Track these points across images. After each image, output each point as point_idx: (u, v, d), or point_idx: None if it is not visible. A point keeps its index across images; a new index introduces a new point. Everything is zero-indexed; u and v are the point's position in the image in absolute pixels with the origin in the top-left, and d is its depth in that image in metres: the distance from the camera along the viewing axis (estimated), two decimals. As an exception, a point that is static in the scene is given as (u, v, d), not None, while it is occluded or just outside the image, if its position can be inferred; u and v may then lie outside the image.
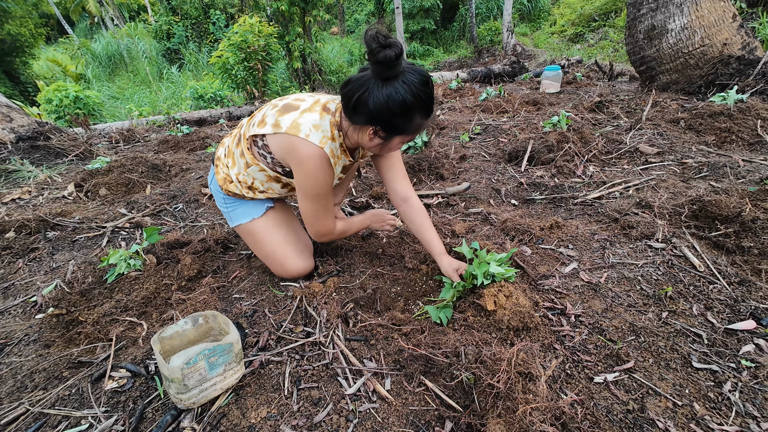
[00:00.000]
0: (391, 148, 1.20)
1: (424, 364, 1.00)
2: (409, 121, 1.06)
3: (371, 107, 1.03)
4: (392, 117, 1.04)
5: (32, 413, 0.97)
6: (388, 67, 0.97)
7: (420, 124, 1.09)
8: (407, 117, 1.05)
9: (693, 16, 3.13)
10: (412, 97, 1.01)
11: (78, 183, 2.64)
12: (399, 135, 1.11)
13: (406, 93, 1.00)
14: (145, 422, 0.92)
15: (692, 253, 1.35)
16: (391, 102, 1.01)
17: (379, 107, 1.02)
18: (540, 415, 0.76)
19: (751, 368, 0.93)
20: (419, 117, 1.07)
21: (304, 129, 1.12)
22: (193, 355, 0.87)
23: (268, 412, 0.92)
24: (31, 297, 1.50)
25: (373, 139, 1.13)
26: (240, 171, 1.33)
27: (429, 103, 1.06)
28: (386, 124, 1.07)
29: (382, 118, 1.05)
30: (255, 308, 1.33)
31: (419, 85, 1.01)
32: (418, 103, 1.02)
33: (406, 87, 1.00)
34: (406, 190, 1.37)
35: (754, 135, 2.25)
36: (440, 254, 1.31)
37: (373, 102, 1.02)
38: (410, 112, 1.04)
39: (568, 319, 1.14)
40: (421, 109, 1.05)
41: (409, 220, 1.36)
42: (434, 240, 1.33)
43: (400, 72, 1.00)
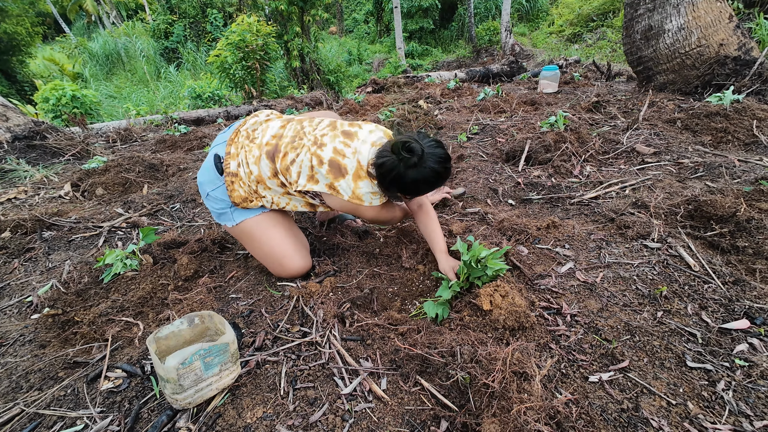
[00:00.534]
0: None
1: (420, 363, 1.00)
2: (431, 188, 1.29)
3: (403, 184, 1.23)
4: (418, 189, 1.27)
5: (27, 414, 0.97)
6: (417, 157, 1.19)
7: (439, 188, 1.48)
8: (430, 187, 1.28)
9: (690, 17, 3.14)
10: (435, 175, 1.22)
11: (74, 183, 2.63)
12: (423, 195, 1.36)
13: (430, 173, 1.21)
14: (140, 422, 0.92)
15: (687, 252, 1.35)
16: (419, 181, 1.23)
17: (410, 185, 1.23)
18: (534, 414, 0.76)
19: (745, 367, 0.94)
20: (439, 184, 1.28)
21: (367, 198, 1.29)
22: (189, 355, 0.87)
23: (264, 411, 0.92)
24: (26, 297, 1.50)
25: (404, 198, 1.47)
26: (276, 195, 1.39)
27: (447, 176, 1.28)
28: (415, 193, 1.30)
29: (411, 191, 1.28)
30: (252, 308, 1.32)
31: (439, 164, 1.21)
32: (439, 179, 1.25)
33: (430, 171, 1.21)
34: (422, 200, 1.49)
35: (749, 135, 2.26)
36: (440, 252, 1.37)
37: (404, 182, 1.22)
38: (433, 185, 1.28)
39: (564, 319, 1.14)
40: (440, 181, 1.27)
41: (423, 224, 1.47)
42: (438, 240, 1.41)
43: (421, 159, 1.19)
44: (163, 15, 13.47)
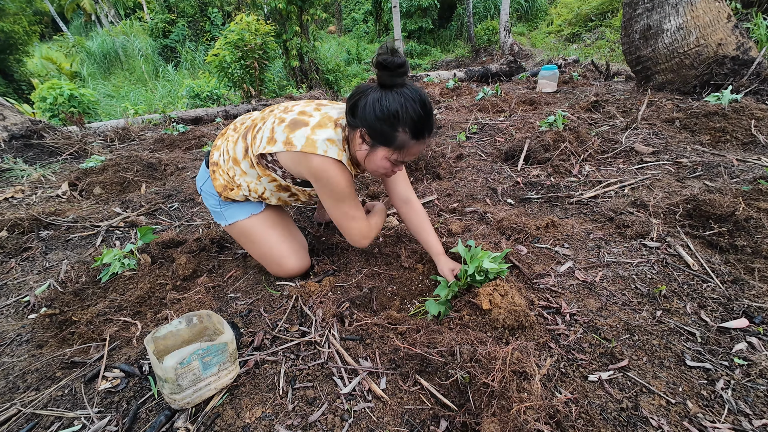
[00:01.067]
0: (375, 162, 1.15)
1: (419, 363, 1.00)
2: (393, 131, 1.06)
3: (362, 108, 1.07)
4: (377, 120, 1.05)
5: (24, 414, 0.96)
6: (388, 72, 1.02)
7: (405, 141, 1.07)
8: (391, 126, 1.05)
9: (688, 17, 3.14)
10: (400, 108, 1.03)
11: (72, 182, 2.62)
12: (382, 146, 1.10)
13: (394, 101, 1.03)
14: (138, 422, 0.92)
15: (686, 252, 1.35)
16: (378, 105, 1.04)
17: (368, 108, 1.06)
18: (534, 413, 0.76)
19: (744, 366, 0.94)
20: (404, 132, 1.06)
21: (321, 146, 1.12)
22: (187, 355, 0.87)
23: (263, 411, 0.91)
24: (23, 297, 1.49)
25: (361, 144, 1.13)
26: (253, 180, 1.33)
27: (419, 123, 1.05)
28: (371, 127, 1.07)
29: (368, 119, 1.06)
30: (250, 308, 1.32)
31: (411, 101, 1.04)
32: (405, 117, 1.03)
33: (398, 97, 1.03)
34: (407, 192, 1.39)
35: (748, 135, 2.27)
36: (438, 254, 1.34)
37: (365, 103, 1.07)
38: (394, 123, 1.04)
39: (563, 318, 1.14)
40: (407, 124, 1.05)
41: (409, 222, 1.39)
42: (433, 241, 1.35)
43: (399, 84, 1.04)
44: (162, 14, 13.42)
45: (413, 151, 1.12)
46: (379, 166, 1.16)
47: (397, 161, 1.14)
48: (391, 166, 1.16)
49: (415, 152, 1.13)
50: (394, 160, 1.13)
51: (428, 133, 1.10)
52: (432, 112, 1.09)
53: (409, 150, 1.10)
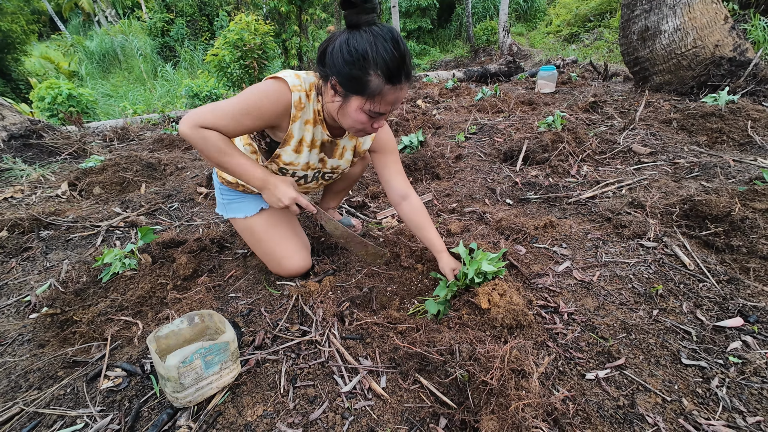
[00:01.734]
0: (350, 115, 1.04)
1: (419, 361, 1.01)
2: (365, 75, 0.95)
3: (330, 53, 0.98)
4: (346, 64, 0.95)
5: (27, 413, 0.97)
6: (354, 10, 0.92)
7: (379, 86, 0.96)
8: (362, 69, 0.94)
9: (686, 18, 3.16)
10: (369, 48, 0.92)
11: (71, 182, 2.62)
12: (355, 95, 0.99)
13: (363, 40, 0.93)
14: (141, 421, 0.93)
15: (683, 251, 1.37)
16: (346, 46, 0.94)
17: (336, 53, 0.96)
18: (532, 411, 0.77)
19: (738, 364, 0.95)
20: (376, 75, 0.95)
21: (285, 73, 1.09)
22: (189, 354, 0.87)
23: (264, 410, 0.92)
24: (24, 296, 1.49)
25: (334, 96, 1.04)
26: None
27: (392, 63, 0.93)
28: (341, 74, 0.97)
29: (337, 65, 0.96)
30: (251, 307, 1.33)
31: (382, 38, 0.93)
32: (377, 57, 0.92)
33: (367, 35, 0.93)
34: (405, 188, 1.35)
35: (744, 135, 2.29)
36: (440, 252, 1.30)
37: (333, 47, 0.97)
38: (365, 64, 0.93)
39: (561, 317, 1.16)
40: (380, 65, 0.93)
41: (409, 219, 1.35)
42: (434, 238, 1.32)
43: (368, 22, 0.94)
44: (160, 13, 13.40)
45: (389, 98, 1.00)
46: (355, 120, 1.05)
47: (373, 112, 1.02)
48: (368, 119, 1.04)
49: (391, 100, 1.01)
50: (368, 110, 1.01)
51: (405, 77, 0.98)
52: (407, 52, 0.97)
53: (384, 97, 0.99)
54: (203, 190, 2.48)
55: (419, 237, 1.35)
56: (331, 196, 1.79)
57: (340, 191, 1.77)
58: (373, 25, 0.95)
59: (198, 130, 1.05)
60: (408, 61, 0.97)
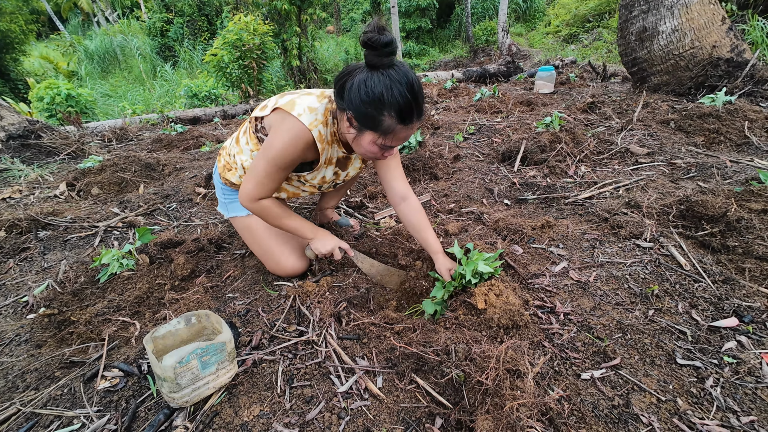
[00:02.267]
0: (363, 146, 1.12)
1: (415, 361, 1.02)
2: (379, 115, 1.01)
3: (348, 90, 1.03)
4: (362, 104, 1.01)
5: (24, 413, 0.97)
6: (374, 51, 0.96)
7: (392, 126, 1.03)
8: (377, 110, 1.00)
9: (683, 19, 3.17)
10: (385, 91, 0.98)
11: (70, 182, 2.62)
12: (369, 131, 1.06)
13: (380, 84, 0.98)
14: (137, 421, 0.93)
15: (679, 252, 1.37)
16: (363, 87, 0.99)
17: (354, 92, 1.02)
18: (527, 410, 0.78)
19: (733, 364, 0.96)
20: (390, 116, 1.01)
21: (298, 108, 1.13)
22: (186, 354, 0.88)
23: (261, 410, 0.92)
24: (22, 297, 1.49)
25: (349, 128, 1.11)
26: (247, 158, 1.36)
27: (405, 107, 1.00)
28: (357, 111, 1.03)
29: (354, 103, 1.02)
30: (248, 307, 1.33)
31: (398, 83, 0.98)
32: (392, 101, 0.99)
33: (384, 78, 0.98)
34: (405, 189, 1.38)
35: (741, 136, 2.30)
36: (436, 253, 1.32)
37: (351, 84, 1.03)
38: (380, 106, 1.00)
39: (557, 317, 1.16)
40: (394, 108, 1.00)
41: (407, 220, 1.37)
42: (431, 239, 1.33)
43: (386, 65, 0.99)
44: (159, 13, 13.40)
45: (401, 135, 1.08)
46: (368, 150, 1.13)
47: (385, 145, 1.10)
48: (379, 150, 1.13)
49: (403, 137, 1.09)
50: (381, 144, 1.09)
51: (417, 117, 1.06)
52: (420, 94, 1.03)
53: (396, 135, 1.07)
54: (201, 190, 2.48)
55: (417, 238, 1.38)
56: (329, 196, 1.79)
57: (338, 191, 1.77)
58: (391, 67, 1.00)
59: (255, 204, 1.25)
60: (420, 101, 1.04)
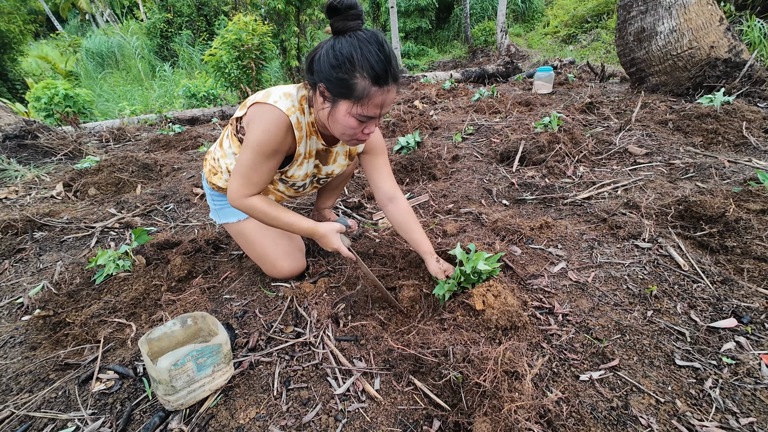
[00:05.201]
0: (339, 120, 1.05)
1: (413, 363, 1.01)
2: (351, 78, 0.96)
3: (317, 60, 1.00)
4: (332, 69, 0.97)
5: (17, 416, 0.96)
6: (339, 16, 0.95)
7: (365, 89, 0.97)
8: (348, 72, 0.96)
9: (681, 19, 3.17)
10: (354, 51, 0.94)
11: (66, 182, 2.61)
12: (343, 99, 1.01)
13: (348, 45, 0.95)
14: (132, 424, 0.92)
15: (677, 252, 1.37)
16: (332, 51, 0.96)
17: (322, 59, 0.98)
18: (525, 413, 0.77)
19: (732, 365, 0.95)
20: (362, 78, 0.96)
21: (274, 96, 1.10)
22: (181, 357, 0.87)
23: (257, 412, 0.92)
24: (17, 298, 1.48)
25: (323, 103, 1.06)
26: (231, 161, 1.34)
27: (377, 65, 0.95)
28: (328, 79, 0.99)
29: (324, 70, 0.98)
30: (245, 309, 1.32)
31: (367, 42, 0.95)
32: (362, 60, 0.94)
33: (352, 40, 0.95)
34: (393, 189, 1.36)
35: (739, 136, 2.30)
36: (427, 253, 1.30)
37: (320, 54, 0.99)
38: (351, 67, 0.95)
39: (556, 318, 1.15)
40: (365, 67, 0.95)
41: (396, 221, 1.35)
42: (422, 240, 1.32)
43: (353, 28, 0.97)
44: (158, 13, 13.38)
45: (376, 100, 1.00)
46: (345, 124, 1.05)
47: (361, 115, 1.03)
48: (357, 123, 1.05)
49: (379, 102, 1.01)
50: (357, 114, 1.02)
51: (392, 79, 0.99)
52: (392, 54, 0.98)
53: (371, 99, 0.99)
54: (199, 191, 2.47)
55: (406, 239, 1.36)
56: (326, 195, 1.78)
57: (334, 189, 1.77)
58: (359, 30, 0.97)
59: (243, 202, 1.18)
60: (394, 63, 0.98)
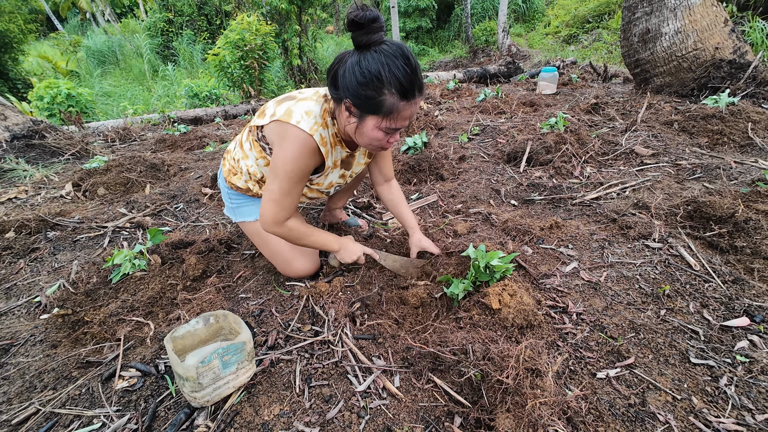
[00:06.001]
0: (367, 134, 1.06)
1: (431, 361, 1.03)
2: (379, 95, 0.96)
3: (342, 76, 0.99)
4: (360, 86, 0.96)
5: (43, 413, 0.98)
6: (361, 30, 0.93)
7: (394, 105, 0.98)
8: (376, 89, 0.95)
9: (686, 21, 3.19)
10: (382, 68, 0.93)
11: (76, 182, 2.62)
12: (371, 114, 1.01)
13: (375, 61, 0.94)
14: (157, 421, 0.94)
15: (688, 252, 1.39)
16: (358, 68, 0.95)
17: (348, 75, 0.97)
18: (548, 409, 0.79)
19: (746, 363, 0.97)
20: (390, 94, 0.96)
21: (296, 116, 1.10)
22: (208, 354, 0.88)
23: (281, 409, 0.93)
24: (34, 297, 1.50)
25: (349, 118, 1.06)
26: (252, 164, 1.36)
27: (405, 81, 0.95)
28: (355, 95, 0.99)
29: (351, 88, 0.98)
30: (262, 308, 1.34)
31: (392, 57, 0.94)
32: (390, 76, 0.94)
33: (378, 56, 0.94)
34: (390, 173, 1.51)
35: (745, 137, 2.31)
36: (412, 227, 1.44)
37: (344, 70, 0.98)
38: (379, 85, 0.95)
39: (570, 317, 1.17)
40: (393, 84, 0.95)
41: (386, 197, 1.51)
42: (407, 214, 1.46)
43: (376, 41, 0.95)
44: (159, 13, 13.37)
45: (405, 114, 1.01)
46: (372, 137, 1.06)
47: (390, 129, 1.04)
48: (384, 136, 1.06)
49: (407, 115, 1.03)
50: (385, 128, 1.03)
51: (418, 91, 1.00)
52: (418, 66, 0.97)
53: (400, 114, 1.00)
54: (208, 190, 2.48)
55: (394, 213, 1.51)
56: (337, 196, 1.80)
57: (346, 190, 1.78)
58: (382, 44, 0.96)
59: (280, 228, 1.21)
60: (419, 74, 0.99)
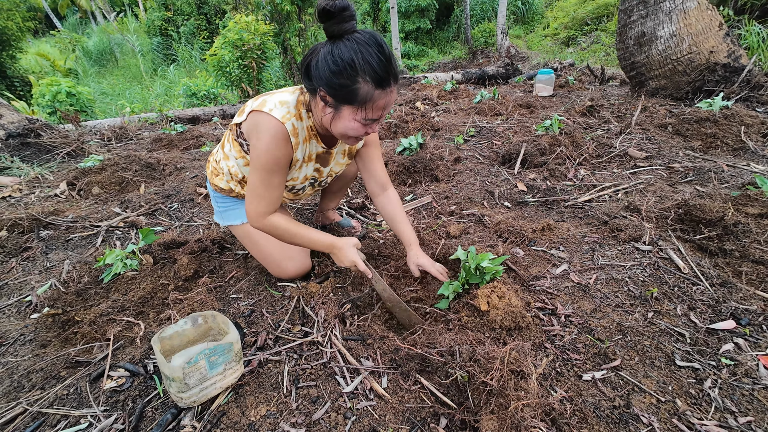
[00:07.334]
0: (343, 125, 1.05)
1: (419, 362, 1.03)
2: (353, 83, 0.95)
3: (315, 66, 0.98)
4: (333, 76, 0.95)
5: (30, 412, 0.98)
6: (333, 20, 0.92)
7: (369, 93, 0.96)
8: (349, 78, 0.94)
9: (681, 24, 3.21)
10: (354, 55, 0.92)
11: (70, 181, 2.62)
12: (347, 104, 1.00)
13: (347, 49, 0.93)
14: (144, 421, 0.94)
15: (677, 255, 1.40)
16: (330, 57, 0.94)
17: (321, 65, 0.96)
18: (531, 411, 0.79)
19: (730, 366, 0.98)
20: (365, 82, 0.95)
21: (269, 105, 1.09)
22: (194, 355, 0.89)
23: (268, 410, 0.94)
24: (25, 297, 1.50)
25: (324, 108, 1.05)
26: (233, 164, 1.36)
27: (379, 68, 0.94)
28: (329, 85, 0.97)
29: (324, 77, 0.97)
30: (252, 308, 1.34)
31: (365, 45, 0.93)
32: (363, 64, 0.93)
33: (350, 44, 0.93)
34: (385, 179, 1.41)
35: (737, 141, 2.33)
36: (410, 244, 1.35)
37: (317, 60, 0.98)
38: (352, 72, 0.93)
39: (559, 319, 1.18)
40: (367, 72, 0.93)
41: (385, 210, 1.41)
42: (407, 230, 1.37)
43: (348, 30, 0.95)
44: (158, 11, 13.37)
45: (380, 103, 1.00)
46: (349, 128, 1.05)
47: (366, 119, 1.02)
48: (361, 126, 1.04)
49: (382, 104, 1.01)
50: (361, 118, 1.02)
51: (393, 79, 0.98)
52: (392, 54, 0.96)
53: (375, 102, 0.99)
54: (203, 190, 2.48)
55: (393, 228, 1.41)
56: (329, 197, 1.80)
57: (338, 192, 1.78)
58: (355, 32, 0.95)
59: (264, 223, 1.18)
60: (394, 62, 0.97)
